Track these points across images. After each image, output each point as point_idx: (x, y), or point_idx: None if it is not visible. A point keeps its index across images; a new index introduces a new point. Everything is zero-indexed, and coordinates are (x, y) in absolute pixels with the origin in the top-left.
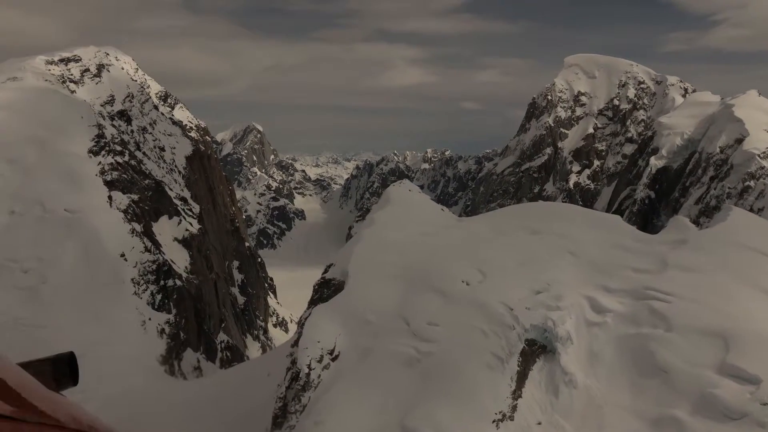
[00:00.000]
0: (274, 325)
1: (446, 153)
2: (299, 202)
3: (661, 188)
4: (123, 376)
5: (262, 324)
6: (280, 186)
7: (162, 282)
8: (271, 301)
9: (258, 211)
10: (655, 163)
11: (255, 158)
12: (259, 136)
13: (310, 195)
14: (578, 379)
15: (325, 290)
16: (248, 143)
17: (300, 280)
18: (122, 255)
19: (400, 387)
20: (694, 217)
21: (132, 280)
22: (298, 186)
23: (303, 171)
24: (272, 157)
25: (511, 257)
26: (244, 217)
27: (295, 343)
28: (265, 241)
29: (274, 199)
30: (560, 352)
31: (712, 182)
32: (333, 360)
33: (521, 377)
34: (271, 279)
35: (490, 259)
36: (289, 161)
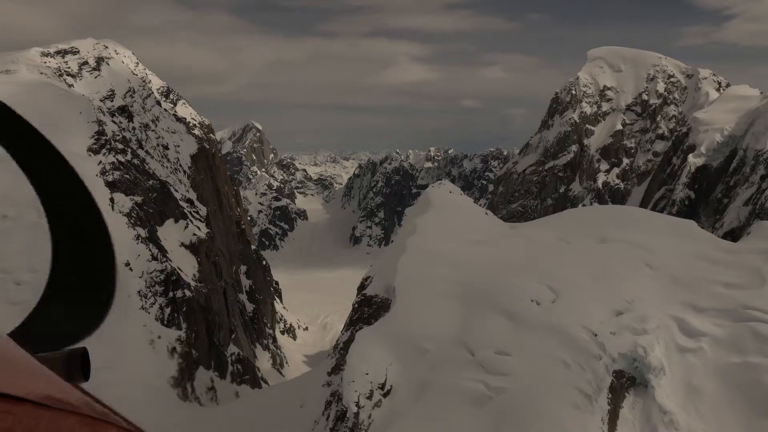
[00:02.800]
0: (282, 332)
1: (450, 151)
2: (300, 201)
3: (701, 188)
4: (131, 404)
5: (271, 332)
6: (282, 185)
7: (171, 293)
8: (277, 306)
9: (260, 212)
10: (694, 161)
11: (254, 157)
12: (258, 134)
13: (312, 195)
14: (679, 418)
15: (366, 309)
16: (247, 142)
17: (304, 282)
18: (127, 264)
19: (469, 431)
20: (744, 219)
21: (139, 292)
22: (300, 185)
23: (304, 170)
24: (272, 156)
25: (583, 271)
26: (248, 218)
27: (333, 371)
28: (267, 242)
29: (276, 198)
30: (654, 386)
31: (763, 181)
32: (384, 396)
33: (613, 417)
34: (276, 283)
35: (559, 273)
36: (289, 160)
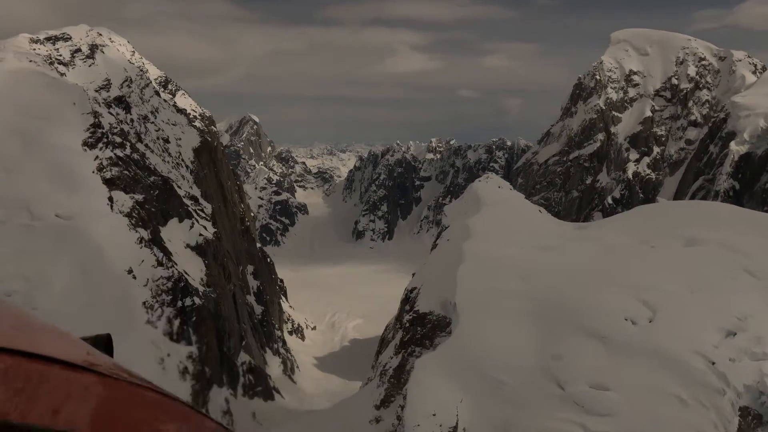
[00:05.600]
0: (290, 333)
1: (452, 142)
2: (300, 195)
3: (744, 178)
4: None
5: (279, 334)
6: (281, 179)
7: (179, 302)
8: (283, 305)
9: (260, 206)
10: (737, 149)
11: (252, 150)
12: (255, 127)
13: (312, 188)
14: None
15: (419, 329)
16: (244, 135)
17: (308, 279)
18: (130, 271)
19: None
20: None
21: (144, 303)
22: (299, 179)
23: (303, 163)
24: (269, 149)
25: (676, 281)
26: (252, 214)
27: (383, 404)
28: (268, 238)
29: (276, 193)
30: None
31: None
32: None
33: None
34: (281, 281)
35: (650, 284)
36: (287, 153)
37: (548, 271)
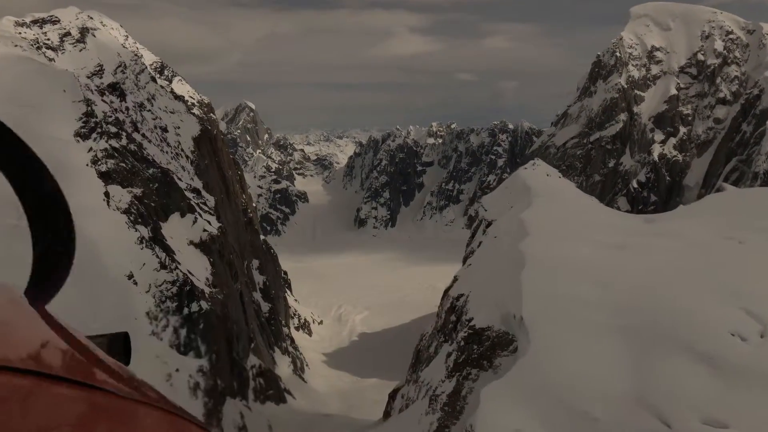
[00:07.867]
0: (296, 328)
1: (453, 126)
2: (300, 183)
3: None
4: None
5: (287, 331)
6: (280, 167)
7: (185, 309)
8: (289, 299)
9: (259, 195)
10: None
11: (249, 138)
12: (251, 114)
13: (311, 176)
14: None
15: (476, 347)
16: (241, 122)
17: (310, 270)
18: (130, 276)
19: None
20: None
21: (147, 314)
22: (298, 166)
23: (302, 150)
24: (266, 136)
25: None
26: (253, 204)
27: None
28: (268, 228)
29: (276, 181)
30: None
31: None
32: None
33: None
34: (285, 273)
35: (750, 289)
36: (286, 140)
37: (629, 275)
